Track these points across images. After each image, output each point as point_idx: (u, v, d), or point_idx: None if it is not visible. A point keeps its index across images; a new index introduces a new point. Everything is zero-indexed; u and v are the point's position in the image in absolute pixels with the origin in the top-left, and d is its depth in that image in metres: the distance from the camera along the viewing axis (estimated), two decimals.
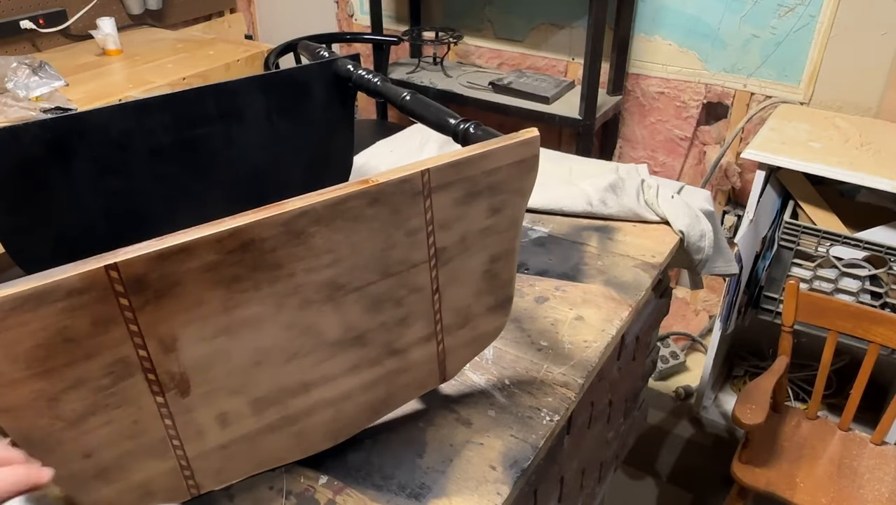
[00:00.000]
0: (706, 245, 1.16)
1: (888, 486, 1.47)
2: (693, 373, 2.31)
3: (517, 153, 0.68)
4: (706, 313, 2.40)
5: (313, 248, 0.60)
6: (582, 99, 1.99)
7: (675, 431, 2.12)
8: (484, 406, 0.81)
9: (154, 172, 0.94)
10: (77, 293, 0.49)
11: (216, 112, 0.96)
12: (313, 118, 1.07)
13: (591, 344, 0.90)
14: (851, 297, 1.73)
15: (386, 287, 0.66)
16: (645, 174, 1.26)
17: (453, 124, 0.86)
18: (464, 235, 0.69)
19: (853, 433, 1.61)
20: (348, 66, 1.03)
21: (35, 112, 1.65)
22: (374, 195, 0.61)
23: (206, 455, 0.63)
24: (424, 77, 2.33)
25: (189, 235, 0.53)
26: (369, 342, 0.68)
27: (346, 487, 0.71)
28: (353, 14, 2.69)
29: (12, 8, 2.16)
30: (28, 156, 0.84)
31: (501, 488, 0.71)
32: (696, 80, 2.12)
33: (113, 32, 2.20)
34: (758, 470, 1.52)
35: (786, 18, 1.92)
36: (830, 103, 1.95)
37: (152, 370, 0.56)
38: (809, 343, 2.06)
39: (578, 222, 1.18)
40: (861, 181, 1.60)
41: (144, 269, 0.52)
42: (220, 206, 0.63)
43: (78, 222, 0.91)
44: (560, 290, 1.01)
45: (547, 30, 2.30)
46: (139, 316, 0.53)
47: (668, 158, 2.28)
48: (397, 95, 0.95)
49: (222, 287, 0.56)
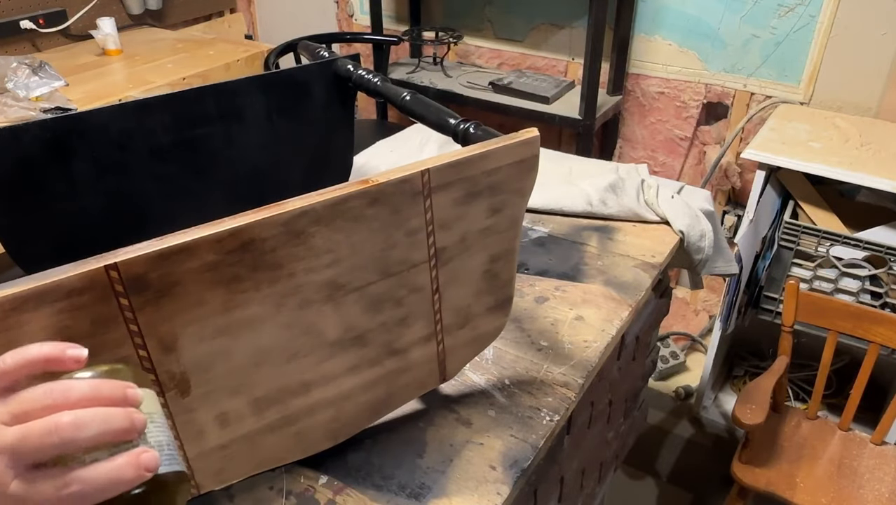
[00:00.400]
0: (706, 245, 1.16)
1: (888, 486, 1.47)
2: (693, 373, 2.31)
3: (517, 153, 0.68)
4: (706, 313, 2.40)
5: (313, 249, 0.60)
6: (582, 99, 1.99)
7: (675, 431, 2.12)
8: (484, 406, 0.81)
9: (154, 172, 0.94)
10: (77, 293, 0.49)
11: (216, 112, 0.96)
12: (313, 118, 1.07)
13: (591, 344, 0.90)
14: (851, 297, 1.73)
15: (386, 287, 0.66)
16: (645, 174, 1.26)
17: (453, 124, 0.86)
18: (464, 235, 0.69)
19: (853, 433, 1.61)
20: (348, 66, 1.03)
21: (35, 112, 1.65)
22: (374, 195, 0.61)
23: (206, 455, 0.63)
24: (424, 77, 2.33)
25: (189, 235, 0.53)
26: (369, 342, 0.68)
27: (346, 487, 0.71)
28: (353, 14, 2.69)
29: (12, 8, 2.16)
30: (28, 156, 0.84)
31: (501, 488, 0.71)
32: (696, 80, 2.12)
33: (113, 32, 2.20)
34: (758, 470, 1.52)
35: (786, 18, 1.92)
36: (830, 103, 1.95)
37: (152, 370, 0.56)
38: (809, 343, 2.06)
39: (578, 222, 1.18)
40: (861, 181, 1.60)
41: (144, 269, 0.52)
42: (219, 206, 0.63)
43: (78, 222, 0.91)
44: (560, 290, 1.01)
45: (547, 30, 2.30)
46: (139, 316, 0.53)
47: (668, 158, 2.28)
48: (397, 95, 0.95)
49: (222, 287, 0.56)
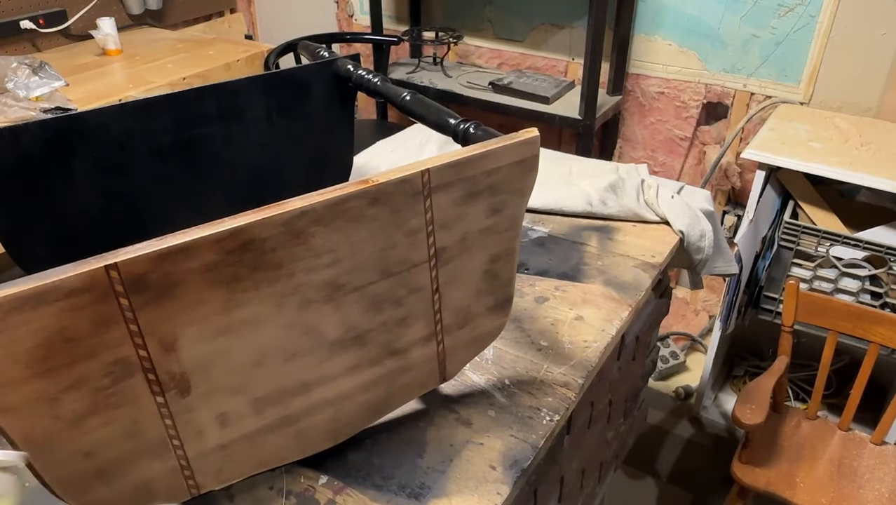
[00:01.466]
0: (706, 245, 1.16)
1: (888, 486, 1.47)
2: (693, 373, 2.31)
3: (517, 153, 0.68)
4: (706, 313, 2.40)
5: (313, 248, 0.60)
6: (582, 99, 1.99)
7: (675, 431, 2.12)
8: (484, 406, 0.81)
9: (154, 172, 0.94)
10: (77, 293, 0.49)
11: (216, 112, 0.96)
12: (313, 118, 1.07)
13: (591, 344, 0.90)
14: (851, 297, 1.73)
15: (386, 287, 0.66)
16: (645, 174, 1.26)
17: (453, 124, 0.86)
18: (464, 235, 0.69)
19: (853, 433, 1.61)
20: (348, 66, 1.04)
21: (35, 112, 1.65)
22: (375, 195, 0.61)
23: (206, 455, 0.63)
24: (424, 77, 2.33)
25: (189, 235, 0.53)
26: (369, 342, 0.68)
27: (346, 487, 0.71)
28: (353, 14, 2.69)
29: (12, 8, 2.16)
30: (28, 156, 0.84)
31: (501, 488, 0.71)
32: (696, 80, 2.12)
33: (113, 32, 2.20)
34: (758, 470, 1.52)
35: (786, 18, 1.92)
36: (830, 103, 1.95)
37: (152, 370, 0.56)
38: (809, 343, 2.06)
39: (578, 222, 1.19)
40: (861, 181, 1.60)
41: (144, 269, 0.52)
42: (219, 206, 0.63)
43: (78, 222, 0.91)
44: (560, 290, 1.01)
45: (547, 30, 2.30)
46: (139, 316, 0.53)
47: (668, 158, 2.28)
48: (397, 95, 0.95)
49: (222, 287, 0.56)
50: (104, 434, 0.56)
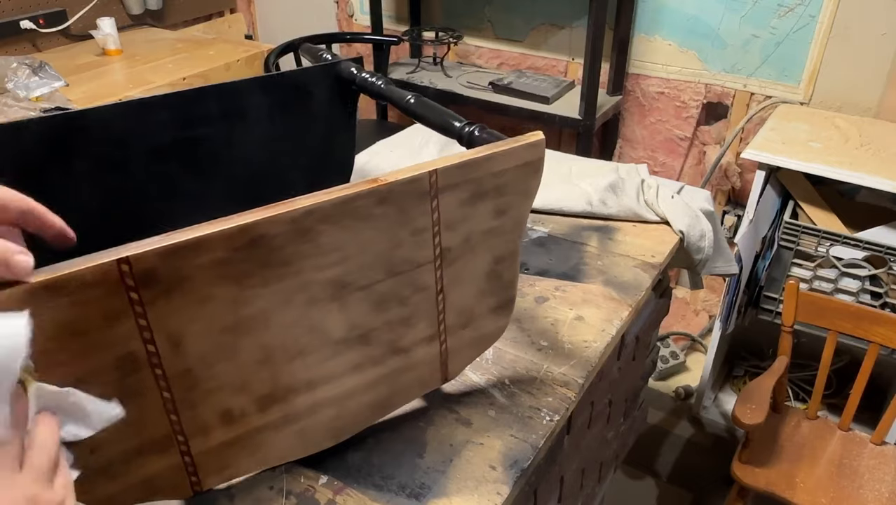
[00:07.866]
0: (706, 245, 1.17)
1: (888, 486, 1.47)
2: (693, 373, 2.31)
3: (523, 155, 0.69)
4: (706, 313, 2.41)
5: (321, 246, 0.60)
6: (582, 99, 1.99)
7: (675, 431, 2.12)
8: (484, 406, 0.81)
9: (155, 172, 0.94)
10: (88, 287, 0.49)
11: (218, 112, 0.96)
12: (315, 120, 1.07)
13: (591, 344, 0.90)
14: (851, 297, 1.73)
15: (391, 286, 0.66)
16: (645, 174, 1.26)
17: (458, 127, 0.86)
18: (469, 236, 0.69)
19: (853, 433, 1.61)
20: (351, 68, 1.04)
21: (35, 112, 1.65)
22: (383, 195, 0.61)
23: (209, 452, 0.63)
24: (424, 77, 2.33)
25: (199, 231, 0.53)
26: (373, 341, 0.68)
27: (347, 487, 0.71)
28: (353, 14, 2.69)
29: (12, 8, 2.16)
30: (28, 153, 0.84)
31: (501, 488, 0.71)
32: (696, 80, 2.12)
33: (113, 32, 2.21)
34: (758, 470, 1.52)
35: (786, 18, 1.92)
36: (830, 103, 1.96)
37: (160, 365, 0.56)
38: (809, 343, 2.07)
39: (578, 222, 1.19)
40: (861, 181, 1.61)
41: (155, 263, 0.52)
42: (220, 206, 0.63)
43: (77, 221, 0.90)
44: (560, 290, 1.01)
45: (547, 30, 2.31)
46: (149, 311, 0.53)
47: (668, 158, 2.29)
48: (402, 98, 0.95)
49: (231, 283, 0.56)
50: (110, 429, 0.56)
